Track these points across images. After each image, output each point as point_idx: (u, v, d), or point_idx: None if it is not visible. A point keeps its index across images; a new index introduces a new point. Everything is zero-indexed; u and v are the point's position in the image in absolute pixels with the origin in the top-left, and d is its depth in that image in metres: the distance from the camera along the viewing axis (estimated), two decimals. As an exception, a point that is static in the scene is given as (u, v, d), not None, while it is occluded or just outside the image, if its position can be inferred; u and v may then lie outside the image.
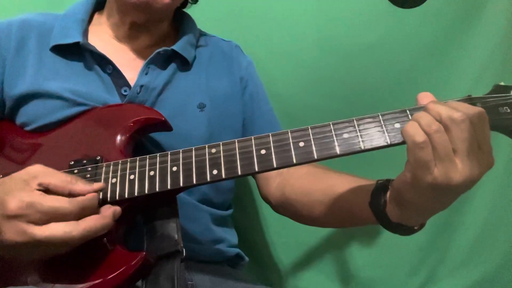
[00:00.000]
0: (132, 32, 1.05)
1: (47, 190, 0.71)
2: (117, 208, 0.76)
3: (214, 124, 1.03)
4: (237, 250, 1.08)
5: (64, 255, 0.73)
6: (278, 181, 1.06)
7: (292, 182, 1.01)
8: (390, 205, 0.73)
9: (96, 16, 1.10)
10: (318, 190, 0.92)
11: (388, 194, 0.74)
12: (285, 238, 1.43)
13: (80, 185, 0.74)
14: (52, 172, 0.74)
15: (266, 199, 1.10)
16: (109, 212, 0.74)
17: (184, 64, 1.06)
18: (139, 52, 1.06)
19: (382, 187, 0.75)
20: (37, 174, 0.72)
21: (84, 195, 0.73)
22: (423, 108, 0.66)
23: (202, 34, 1.18)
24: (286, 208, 1.03)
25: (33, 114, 0.95)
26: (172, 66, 1.04)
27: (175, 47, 1.04)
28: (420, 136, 0.62)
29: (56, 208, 0.69)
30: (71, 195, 0.72)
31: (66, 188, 0.72)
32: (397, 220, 0.73)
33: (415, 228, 0.74)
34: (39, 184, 0.71)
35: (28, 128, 0.95)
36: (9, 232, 0.67)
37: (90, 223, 0.71)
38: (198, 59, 1.10)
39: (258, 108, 1.15)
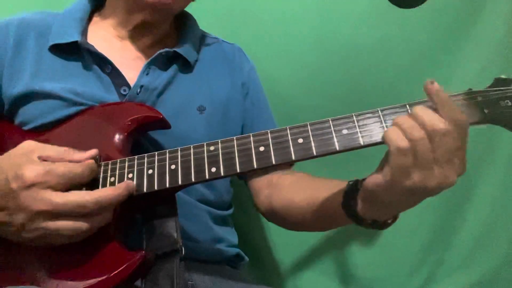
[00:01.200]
0: (135, 32, 1.05)
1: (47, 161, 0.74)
2: (130, 182, 0.78)
3: (213, 128, 1.03)
4: (237, 250, 1.08)
5: (63, 254, 0.74)
6: (267, 192, 1.06)
7: (278, 192, 1.02)
8: (362, 204, 0.73)
9: (95, 15, 1.10)
10: (301, 197, 0.93)
11: (359, 194, 0.74)
12: (285, 238, 1.43)
13: (77, 154, 0.78)
14: (46, 146, 0.77)
15: (258, 209, 1.11)
16: (122, 184, 0.77)
17: (186, 66, 1.06)
18: (140, 52, 1.05)
19: (352, 187, 0.76)
20: (33, 148, 0.75)
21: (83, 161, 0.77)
22: (408, 114, 0.66)
23: (204, 35, 1.18)
24: (274, 217, 1.05)
25: (31, 114, 0.94)
26: (174, 67, 1.03)
27: (177, 48, 1.03)
28: (403, 142, 0.63)
29: (70, 171, 0.73)
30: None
31: (65, 158, 0.76)
32: (370, 218, 0.74)
33: (389, 221, 0.75)
34: (39, 157, 0.73)
35: (26, 128, 0.95)
36: (30, 200, 0.69)
37: (103, 191, 0.74)
38: (200, 61, 1.10)
39: (258, 115, 1.15)
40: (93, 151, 0.80)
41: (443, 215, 1.44)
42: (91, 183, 0.78)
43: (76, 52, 0.99)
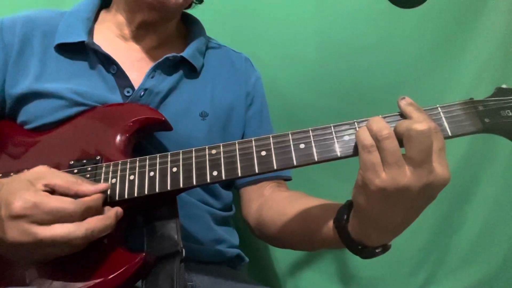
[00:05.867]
0: (139, 32, 1.05)
1: (52, 191, 0.71)
2: (119, 209, 0.76)
3: (214, 134, 1.03)
4: (238, 251, 1.08)
5: (62, 256, 0.73)
6: (258, 203, 1.06)
7: (270, 203, 1.02)
8: (352, 220, 0.73)
9: (102, 14, 1.10)
10: (292, 210, 0.92)
11: (351, 210, 0.73)
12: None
13: (85, 186, 0.74)
14: (58, 173, 0.74)
15: (246, 220, 1.10)
16: (111, 212, 0.74)
17: (192, 71, 1.06)
18: (145, 53, 1.05)
19: (348, 204, 0.75)
20: (42, 175, 0.72)
21: (89, 195, 0.73)
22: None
23: (211, 41, 1.17)
24: (262, 230, 1.03)
25: (33, 113, 0.94)
26: (179, 73, 1.03)
27: (185, 54, 1.03)
28: (368, 140, 0.65)
29: (60, 208, 0.68)
30: (76, 196, 0.72)
31: (72, 189, 0.72)
32: (357, 237, 0.72)
33: (377, 251, 0.73)
34: (45, 185, 0.71)
35: (28, 127, 0.94)
36: (12, 231, 0.67)
37: (92, 223, 0.71)
38: (206, 67, 1.09)
39: (260, 127, 1.14)
40: (102, 186, 0.76)
41: (443, 215, 1.44)
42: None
43: (82, 51, 0.99)
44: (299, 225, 0.90)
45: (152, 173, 0.78)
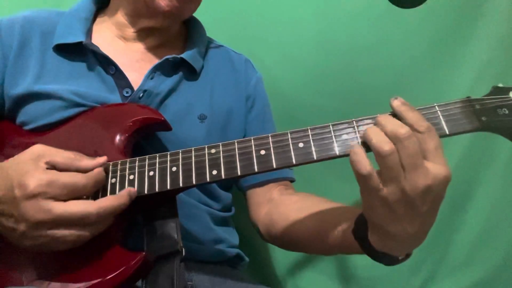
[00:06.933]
0: (140, 34, 1.05)
1: (54, 168, 0.73)
2: (132, 189, 0.77)
3: (212, 136, 1.02)
4: (238, 251, 1.08)
5: (63, 255, 0.74)
6: (268, 208, 1.05)
7: (281, 208, 1.01)
8: (371, 237, 0.71)
9: (99, 14, 1.09)
10: (309, 222, 0.90)
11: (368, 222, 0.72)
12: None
13: (85, 161, 0.77)
14: (56, 150, 0.76)
15: (254, 224, 1.09)
16: (124, 192, 0.76)
17: (191, 73, 1.05)
18: (144, 53, 1.04)
19: (364, 220, 0.73)
20: (42, 154, 0.74)
21: (91, 169, 0.76)
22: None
23: (211, 42, 1.17)
24: (273, 234, 1.02)
25: (32, 114, 0.94)
26: (179, 74, 1.03)
27: (185, 55, 1.02)
28: (386, 144, 0.63)
29: (73, 182, 0.72)
30: (77, 171, 0.75)
31: (73, 164, 0.75)
32: (381, 250, 0.71)
33: (400, 258, 0.72)
34: (47, 163, 0.73)
35: (27, 128, 0.94)
36: (31, 210, 0.69)
37: (105, 201, 0.74)
38: (205, 69, 1.09)
39: (262, 129, 1.13)
40: (102, 159, 0.78)
41: (443, 215, 1.44)
42: None
43: (80, 52, 0.99)
44: (315, 231, 0.88)
45: (151, 173, 0.78)
